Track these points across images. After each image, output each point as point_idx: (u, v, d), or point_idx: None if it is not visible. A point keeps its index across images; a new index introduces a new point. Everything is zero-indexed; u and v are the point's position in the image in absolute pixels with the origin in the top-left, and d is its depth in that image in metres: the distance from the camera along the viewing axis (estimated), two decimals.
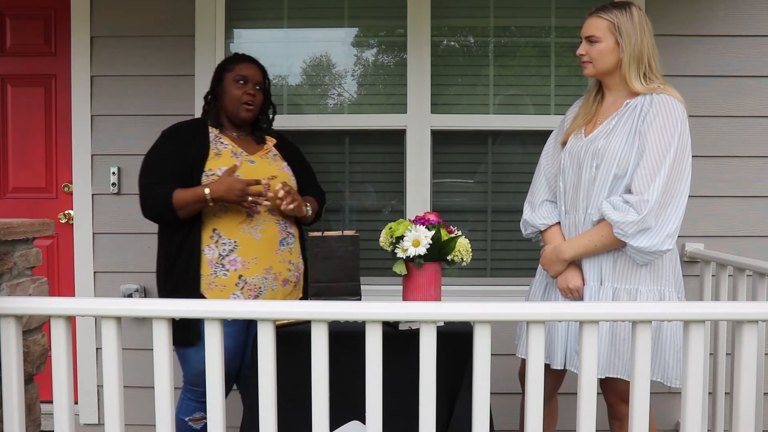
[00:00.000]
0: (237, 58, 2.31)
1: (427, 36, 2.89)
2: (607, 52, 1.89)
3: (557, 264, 1.97)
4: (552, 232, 2.02)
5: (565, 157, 1.99)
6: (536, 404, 1.45)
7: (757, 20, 2.83)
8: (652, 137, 1.81)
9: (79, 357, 2.94)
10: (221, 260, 2.13)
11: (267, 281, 2.17)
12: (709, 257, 2.64)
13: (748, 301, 2.26)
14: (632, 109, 1.88)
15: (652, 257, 1.84)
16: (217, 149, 2.20)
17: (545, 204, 2.06)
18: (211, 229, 2.14)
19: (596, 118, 1.97)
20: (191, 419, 2.25)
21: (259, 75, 2.28)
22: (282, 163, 2.29)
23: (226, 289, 2.13)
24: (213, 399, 1.47)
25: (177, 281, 2.15)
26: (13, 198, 3.09)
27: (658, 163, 1.79)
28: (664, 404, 2.86)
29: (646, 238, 1.79)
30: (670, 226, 1.80)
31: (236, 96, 2.23)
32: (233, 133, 2.28)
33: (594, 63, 1.92)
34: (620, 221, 1.80)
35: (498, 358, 2.17)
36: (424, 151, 2.90)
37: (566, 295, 1.98)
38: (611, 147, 1.87)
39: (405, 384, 1.74)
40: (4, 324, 1.48)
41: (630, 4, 1.91)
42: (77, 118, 2.90)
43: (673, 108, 1.82)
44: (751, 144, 2.85)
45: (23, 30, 3.05)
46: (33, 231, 1.76)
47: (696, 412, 1.45)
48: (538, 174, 2.12)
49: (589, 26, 1.92)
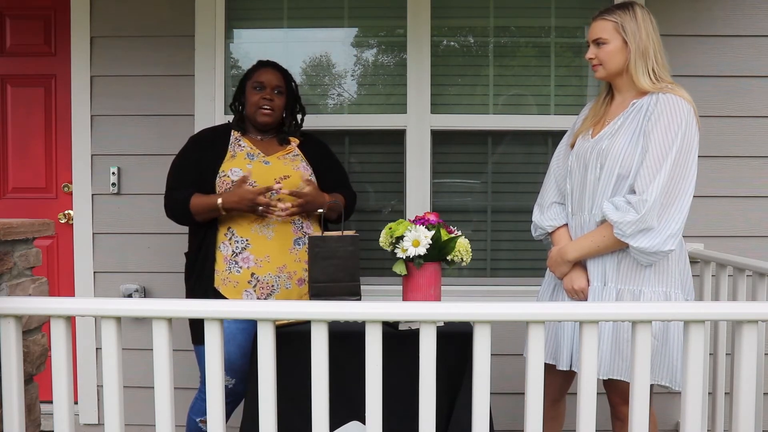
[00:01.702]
0: (257, 65, 2.37)
1: (427, 36, 2.89)
2: (616, 52, 1.90)
3: (562, 265, 1.97)
4: (559, 234, 2.03)
5: (572, 159, 2.00)
6: (536, 404, 1.45)
7: (757, 20, 2.83)
8: (655, 136, 1.80)
9: (79, 357, 2.94)
10: (235, 257, 2.18)
11: (280, 279, 2.20)
12: (709, 257, 2.64)
13: (748, 301, 2.26)
14: (638, 109, 1.88)
15: (655, 258, 1.83)
16: (234, 151, 2.26)
17: (554, 206, 2.07)
18: (226, 227, 2.21)
19: (604, 118, 1.97)
20: (202, 420, 2.25)
21: (277, 79, 2.32)
22: (300, 164, 2.31)
23: (239, 286, 2.17)
24: (213, 399, 1.47)
25: (197, 279, 2.22)
26: (13, 198, 3.09)
27: (659, 163, 1.78)
28: (664, 404, 2.86)
29: (646, 239, 1.78)
30: (673, 226, 1.78)
31: (254, 102, 2.29)
32: (257, 136, 2.33)
33: (604, 65, 1.92)
34: (619, 221, 1.80)
35: (498, 358, 2.17)
36: (424, 151, 2.90)
37: (571, 296, 1.98)
38: (615, 147, 1.87)
39: (405, 384, 1.74)
40: (4, 324, 1.48)
41: (633, 4, 1.92)
42: (77, 118, 2.90)
43: (678, 107, 1.81)
44: (751, 144, 2.85)
45: (23, 30, 3.04)
46: (33, 231, 1.76)
47: (696, 412, 1.45)
48: (548, 176, 2.13)
49: (595, 29, 1.93)
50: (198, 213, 2.19)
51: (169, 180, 2.30)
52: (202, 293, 2.19)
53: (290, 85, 2.39)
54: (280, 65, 2.40)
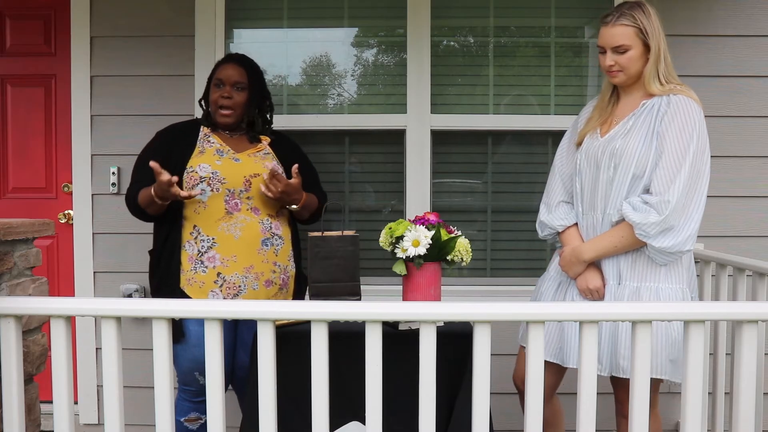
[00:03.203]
0: (220, 61, 2.31)
1: (427, 36, 2.89)
2: (637, 58, 1.88)
3: (577, 265, 1.96)
4: (570, 233, 2.02)
5: (581, 158, 1.99)
6: (536, 404, 1.45)
7: (757, 20, 2.83)
8: (671, 138, 1.82)
9: (79, 357, 2.94)
10: (200, 257, 2.14)
11: (248, 280, 2.15)
12: (709, 257, 2.64)
13: (748, 301, 2.26)
14: (649, 110, 1.89)
15: (673, 257, 1.85)
16: (202, 147, 2.21)
17: (562, 205, 2.06)
18: (191, 225, 2.16)
19: (612, 118, 1.97)
20: (186, 419, 2.24)
21: (238, 74, 2.22)
22: (271, 162, 2.26)
23: (205, 286, 2.13)
24: (213, 399, 1.47)
25: (161, 277, 2.17)
26: (13, 198, 3.09)
27: (678, 164, 1.80)
28: (664, 404, 2.85)
29: (668, 239, 1.80)
30: (693, 225, 1.82)
31: (213, 99, 2.24)
32: (225, 132, 2.27)
33: (625, 71, 1.90)
34: (642, 222, 1.81)
35: (498, 358, 2.17)
36: (424, 151, 2.90)
37: (586, 296, 1.97)
38: (629, 147, 1.87)
39: (405, 384, 1.74)
40: (4, 324, 1.48)
41: (642, 3, 1.90)
42: (77, 118, 2.90)
43: (691, 109, 1.83)
44: (751, 144, 2.85)
45: (23, 30, 3.04)
46: (33, 231, 1.76)
47: (696, 412, 1.45)
48: (552, 175, 2.12)
49: (615, 36, 1.88)
50: (146, 205, 2.12)
51: (134, 174, 2.24)
52: (168, 294, 2.12)
53: (255, 80, 2.27)
54: (246, 59, 2.30)
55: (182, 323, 2.13)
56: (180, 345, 2.13)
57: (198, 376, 2.17)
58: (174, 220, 2.16)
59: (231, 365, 2.26)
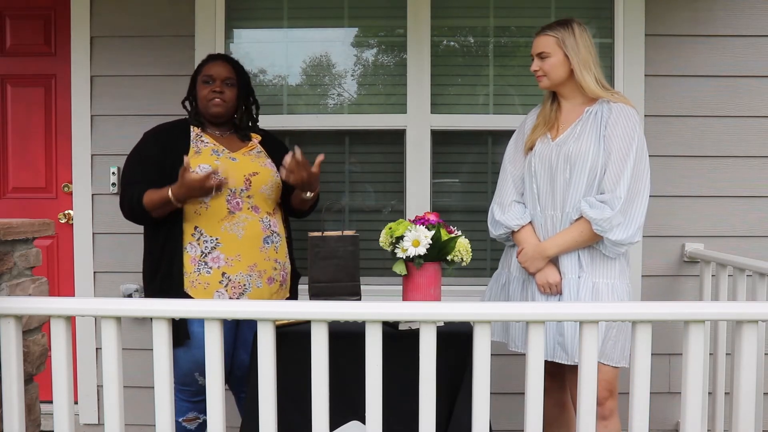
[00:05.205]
0: (206, 60, 2.32)
1: (427, 36, 2.89)
2: (558, 64, 2.08)
3: (539, 261, 2.07)
4: (526, 232, 2.13)
5: (535, 161, 2.12)
6: (536, 404, 1.45)
7: (757, 20, 2.84)
8: (615, 142, 2.00)
9: (79, 357, 2.94)
10: (204, 258, 2.12)
11: (252, 278, 2.15)
12: (708, 257, 2.64)
13: (748, 301, 2.26)
14: (593, 116, 2.06)
15: (624, 249, 2.02)
16: (198, 147, 2.20)
17: (514, 205, 2.17)
18: (192, 226, 2.14)
19: (557, 124, 2.13)
20: (185, 419, 2.24)
21: (227, 71, 2.26)
22: (266, 160, 2.27)
23: (210, 287, 2.12)
24: (213, 399, 1.48)
25: (162, 281, 2.14)
26: (13, 198, 3.09)
27: (622, 165, 1.98)
28: (664, 404, 2.86)
29: (620, 232, 1.96)
30: (639, 219, 1.99)
31: (203, 95, 2.24)
32: (215, 131, 2.28)
33: (548, 76, 2.10)
34: (599, 218, 1.96)
35: (498, 358, 2.17)
36: (424, 151, 2.90)
37: (545, 291, 2.07)
38: (582, 150, 2.02)
39: (405, 384, 1.74)
40: (4, 324, 1.48)
41: (571, 21, 2.10)
42: (77, 118, 2.90)
43: (630, 115, 2.03)
44: (750, 144, 2.85)
45: (23, 30, 3.05)
46: (33, 231, 1.76)
47: (696, 412, 1.45)
48: (504, 176, 2.23)
49: (539, 44, 2.12)
50: (153, 208, 2.09)
51: (127, 176, 2.18)
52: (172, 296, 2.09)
53: (242, 77, 2.31)
54: (230, 57, 2.34)
55: (187, 325, 2.12)
56: (182, 347, 2.13)
57: (198, 376, 2.17)
58: (173, 222, 2.14)
59: (230, 364, 2.26)
